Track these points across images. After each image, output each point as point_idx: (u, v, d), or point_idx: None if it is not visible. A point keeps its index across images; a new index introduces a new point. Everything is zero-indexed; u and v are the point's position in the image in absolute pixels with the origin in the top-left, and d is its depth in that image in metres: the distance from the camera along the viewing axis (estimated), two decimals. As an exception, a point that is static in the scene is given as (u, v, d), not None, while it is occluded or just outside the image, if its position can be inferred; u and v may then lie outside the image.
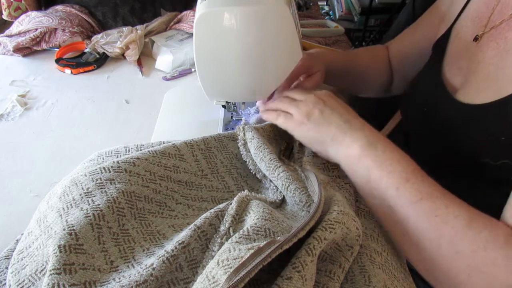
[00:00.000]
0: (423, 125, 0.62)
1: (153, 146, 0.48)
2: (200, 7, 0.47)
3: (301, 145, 0.54)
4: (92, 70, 0.84)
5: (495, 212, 0.41)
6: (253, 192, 0.42)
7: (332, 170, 0.50)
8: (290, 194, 0.43)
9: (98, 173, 0.40)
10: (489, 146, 0.48)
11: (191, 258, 0.35)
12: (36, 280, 0.34)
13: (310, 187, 0.43)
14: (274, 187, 0.47)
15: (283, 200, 0.45)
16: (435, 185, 0.41)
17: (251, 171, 0.50)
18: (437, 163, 0.59)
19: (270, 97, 0.66)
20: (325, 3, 2.31)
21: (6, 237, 0.48)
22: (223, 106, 0.65)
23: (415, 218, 0.39)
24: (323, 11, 2.23)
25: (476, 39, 0.55)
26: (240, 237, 0.34)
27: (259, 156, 0.47)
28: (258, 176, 0.49)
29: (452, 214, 0.38)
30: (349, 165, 0.46)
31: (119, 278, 0.33)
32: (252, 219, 0.36)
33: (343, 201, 0.40)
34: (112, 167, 0.41)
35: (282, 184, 0.43)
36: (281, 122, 0.52)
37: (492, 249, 0.36)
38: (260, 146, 0.48)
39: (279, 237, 0.33)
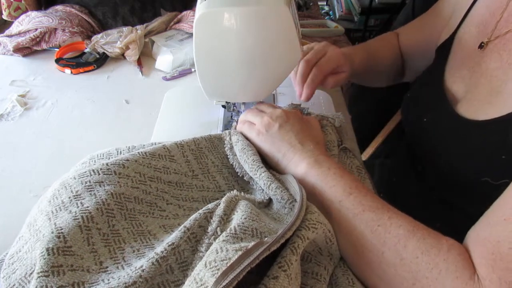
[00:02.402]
0: (422, 135, 0.62)
1: (144, 148, 0.48)
2: (200, 7, 0.47)
3: None
4: (92, 70, 0.84)
5: None
6: (242, 192, 0.43)
7: None
8: (272, 192, 0.43)
9: (87, 176, 0.40)
10: (490, 165, 0.47)
11: (182, 260, 0.35)
12: (25, 284, 0.34)
13: (290, 187, 0.43)
14: (260, 188, 0.47)
15: (270, 200, 0.46)
16: (378, 199, 0.42)
17: (239, 174, 0.50)
18: (434, 174, 0.59)
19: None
20: (325, 3, 2.31)
21: (6, 237, 0.48)
22: (223, 106, 0.65)
23: (359, 229, 0.40)
24: (323, 11, 2.23)
25: (481, 46, 0.54)
26: (227, 236, 0.34)
27: (243, 158, 0.48)
28: (245, 178, 0.50)
29: (395, 224, 0.38)
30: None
31: (108, 280, 0.33)
32: (239, 217, 0.36)
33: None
34: (101, 169, 0.41)
35: (264, 183, 0.44)
36: (244, 130, 0.54)
37: (435, 254, 0.36)
38: (244, 148, 0.49)
39: (266, 238, 0.33)
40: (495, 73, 0.50)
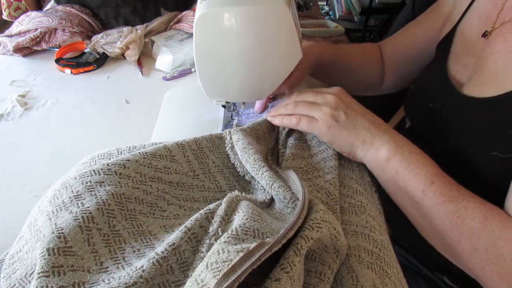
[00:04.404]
0: (428, 120, 0.63)
1: (145, 148, 0.48)
2: (200, 7, 0.47)
3: (283, 146, 0.55)
4: (92, 70, 0.84)
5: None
6: (244, 193, 0.42)
7: (311, 172, 0.50)
8: (275, 192, 0.43)
9: (88, 176, 0.40)
10: (498, 139, 0.49)
11: (182, 261, 0.35)
12: (26, 284, 0.34)
13: (293, 185, 0.43)
14: (262, 188, 0.47)
15: (272, 199, 0.45)
16: (454, 185, 0.45)
17: (240, 173, 0.50)
18: (444, 159, 0.61)
19: (266, 100, 0.66)
20: (325, 3, 2.31)
21: (6, 237, 0.48)
22: (223, 106, 0.65)
23: (439, 218, 0.44)
24: (323, 11, 2.23)
25: (485, 35, 0.56)
26: (228, 237, 0.33)
27: (244, 158, 0.48)
28: (246, 178, 0.50)
29: (470, 216, 0.42)
30: (377, 167, 0.49)
31: (109, 280, 0.33)
32: (240, 218, 0.36)
33: (323, 205, 0.41)
34: (102, 169, 0.41)
35: (266, 183, 0.44)
36: (305, 126, 0.51)
37: (502, 246, 0.41)
38: (245, 148, 0.48)
39: (268, 238, 0.33)
40: (500, 55, 0.52)
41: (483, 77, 0.53)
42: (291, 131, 0.56)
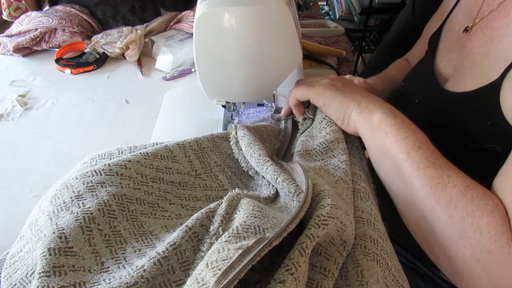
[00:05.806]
0: (413, 115, 0.64)
1: (146, 148, 0.48)
2: (200, 7, 0.47)
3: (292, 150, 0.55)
4: (92, 70, 0.84)
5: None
6: (245, 190, 0.42)
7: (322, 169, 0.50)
8: (279, 186, 0.43)
9: (89, 176, 0.40)
10: (476, 131, 0.50)
11: (183, 260, 0.35)
12: (27, 283, 0.34)
13: (297, 177, 0.43)
14: (267, 183, 0.47)
15: (277, 194, 0.45)
16: (442, 158, 0.45)
17: (244, 169, 0.50)
18: None
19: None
20: (325, 3, 2.31)
21: (6, 237, 0.48)
22: (223, 106, 0.65)
23: (419, 182, 0.43)
24: (323, 11, 2.23)
25: (466, 30, 0.58)
26: (229, 236, 0.33)
27: (249, 153, 0.48)
28: (250, 173, 0.50)
29: (452, 184, 0.41)
30: (367, 130, 0.50)
31: (109, 279, 0.33)
32: (241, 216, 0.36)
33: (334, 195, 0.40)
34: (103, 170, 0.41)
35: (271, 177, 0.44)
36: (302, 91, 0.54)
37: (479, 217, 0.39)
38: (251, 143, 0.48)
39: (268, 233, 0.33)
40: (478, 50, 0.54)
41: (463, 72, 0.55)
42: (299, 136, 0.56)
